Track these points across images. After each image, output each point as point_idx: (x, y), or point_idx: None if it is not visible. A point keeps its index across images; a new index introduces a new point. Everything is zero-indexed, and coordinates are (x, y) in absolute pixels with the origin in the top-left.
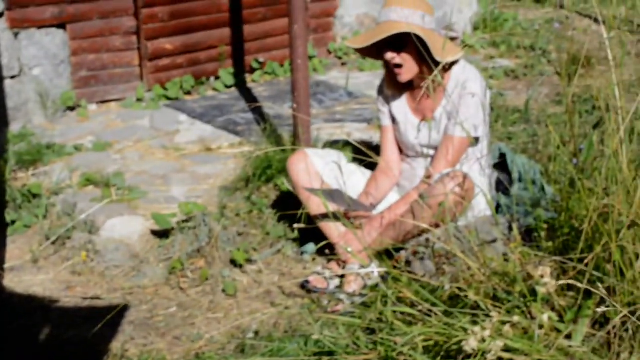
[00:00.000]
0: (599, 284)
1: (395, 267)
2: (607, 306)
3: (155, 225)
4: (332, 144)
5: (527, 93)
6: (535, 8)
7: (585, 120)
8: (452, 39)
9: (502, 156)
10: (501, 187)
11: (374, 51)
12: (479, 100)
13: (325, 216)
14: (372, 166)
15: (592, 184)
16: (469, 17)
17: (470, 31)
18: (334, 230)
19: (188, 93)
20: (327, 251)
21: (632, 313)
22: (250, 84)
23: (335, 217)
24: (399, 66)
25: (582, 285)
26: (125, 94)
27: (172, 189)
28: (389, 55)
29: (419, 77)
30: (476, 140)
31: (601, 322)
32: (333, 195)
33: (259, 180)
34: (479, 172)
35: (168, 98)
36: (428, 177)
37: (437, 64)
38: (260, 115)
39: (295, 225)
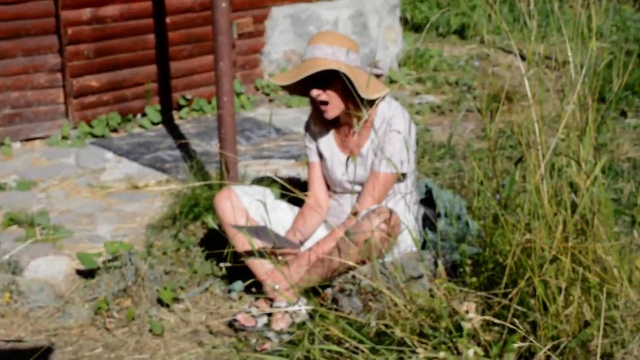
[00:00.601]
0: (524, 319)
1: (322, 305)
2: (532, 341)
3: (81, 265)
4: (260, 181)
5: (453, 129)
6: (460, 45)
7: (509, 156)
8: (378, 76)
9: (429, 192)
10: (427, 223)
11: (300, 89)
12: (404, 137)
13: (251, 254)
14: (300, 203)
15: (515, 219)
16: (395, 54)
17: (396, 68)
18: (260, 268)
19: (114, 131)
20: (253, 289)
21: (556, 347)
22: (177, 121)
23: (262, 254)
24: (325, 103)
25: (506, 324)
26: (51, 132)
27: (98, 228)
28: (315, 93)
29: (346, 113)
30: (403, 176)
31: (526, 356)
32: (259, 232)
33: (186, 218)
34: (405, 208)
35: (94, 136)
36: (355, 213)
37: (363, 100)
38: (187, 152)
39: (222, 264)
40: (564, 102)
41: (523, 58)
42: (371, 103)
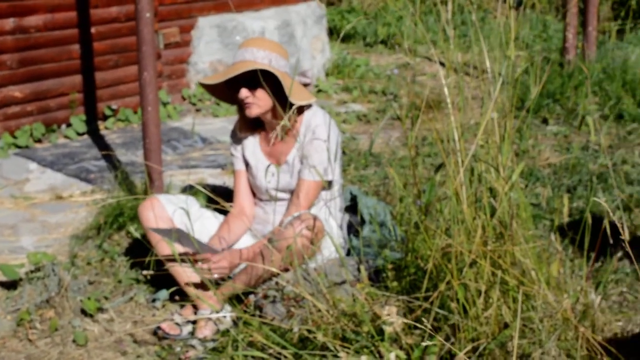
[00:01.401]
0: (445, 322)
1: (245, 311)
2: (452, 343)
3: (3, 276)
4: (186, 190)
5: (379, 137)
6: (387, 54)
7: (432, 162)
8: (305, 84)
9: (354, 199)
10: (352, 230)
11: (227, 93)
12: (330, 145)
13: (174, 260)
14: (226, 211)
15: (435, 224)
16: (322, 63)
17: (323, 77)
18: (183, 275)
19: (38, 141)
20: (176, 297)
21: (476, 349)
22: (103, 131)
23: (184, 261)
24: (251, 104)
25: (425, 327)
26: None
27: (22, 239)
28: (244, 93)
29: (271, 120)
30: (328, 183)
31: (447, 358)
32: (181, 238)
33: (110, 228)
34: (329, 214)
35: (17, 146)
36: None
37: (289, 108)
38: (112, 162)
39: (144, 272)
40: (482, 110)
41: (455, 69)
42: (297, 111)
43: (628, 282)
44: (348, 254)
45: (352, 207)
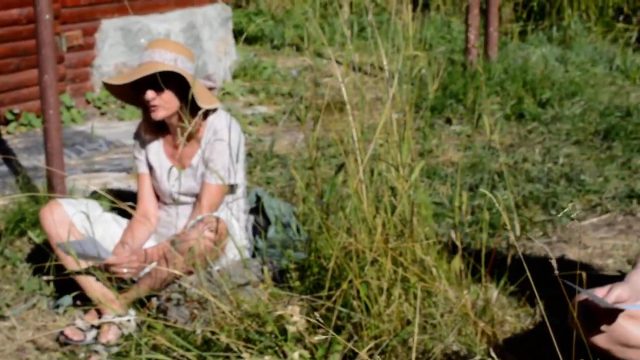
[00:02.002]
0: (348, 320)
1: (149, 315)
2: (355, 341)
3: None
4: (91, 194)
5: (285, 138)
6: (293, 56)
7: (336, 163)
8: (210, 88)
9: (259, 200)
10: (257, 231)
11: (132, 95)
12: (233, 148)
13: (78, 266)
14: (131, 215)
15: (337, 224)
16: (229, 66)
17: (229, 79)
18: (86, 281)
19: None
20: (78, 302)
21: (378, 346)
22: (5, 136)
23: (89, 273)
24: (157, 106)
25: (326, 327)
26: None
27: None
28: (150, 95)
29: (177, 124)
30: (233, 186)
31: (350, 356)
32: (83, 244)
33: (11, 234)
34: (233, 216)
35: None
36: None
37: (195, 111)
38: (14, 167)
39: (45, 278)
40: (381, 110)
41: (354, 68)
42: (202, 115)
43: (525, 278)
44: (253, 255)
45: (257, 209)
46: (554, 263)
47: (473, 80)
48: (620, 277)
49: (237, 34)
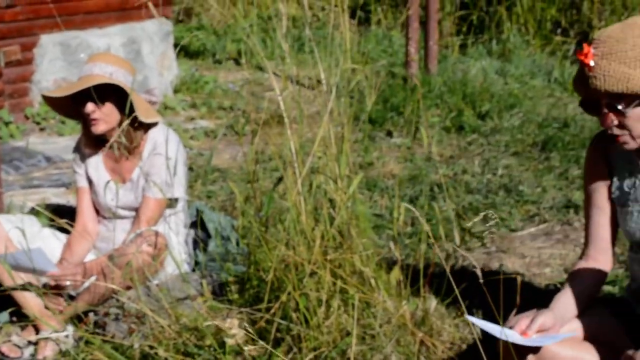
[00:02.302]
0: (287, 332)
1: (87, 330)
2: (295, 353)
3: None
4: (30, 211)
5: (227, 152)
6: (235, 70)
7: (277, 176)
8: (152, 102)
9: (200, 214)
10: (198, 245)
11: (72, 108)
12: (174, 162)
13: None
14: (70, 231)
15: (276, 236)
16: (170, 80)
17: (171, 94)
18: (20, 296)
19: None
20: (14, 318)
21: (317, 357)
22: None
23: (24, 287)
24: (97, 120)
25: (262, 342)
26: None
27: None
28: (90, 108)
29: (115, 136)
30: (174, 200)
31: None
32: (17, 257)
33: None
34: (173, 231)
35: None
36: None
37: (135, 125)
38: None
39: None
40: (320, 123)
41: (294, 81)
42: (142, 129)
43: (465, 287)
44: (194, 269)
45: (198, 223)
46: (478, 272)
47: (413, 93)
48: (554, 290)
49: (179, 48)
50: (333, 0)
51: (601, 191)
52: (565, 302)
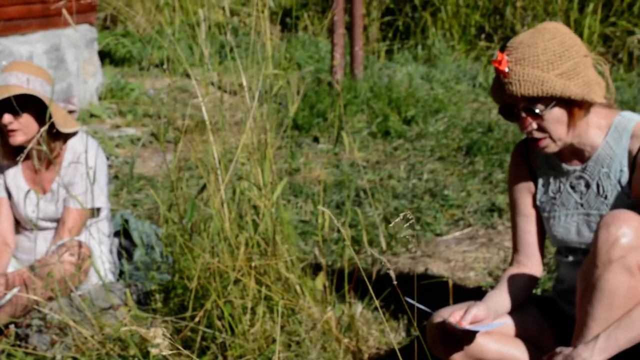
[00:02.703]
0: (213, 340)
1: (7, 342)
2: None
3: None
4: None
5: (153, 160)
6: (161, 77)
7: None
8: (71, 111)
9: (126, 223)
10: (124, 255)
11: None
12: (96, 172)
13: None
14: None
15: (200, 244)
16: (95, 88)
17: (96, 101)
18: None
19: None
20: None
21: None
22: None
23: None
24: (15, 130)
25: (184, 351)
26: None
27: None
28: (7, 119)
29: (36, 147)
30: (97, 210)
31: None
32: None
33: None
34: (96, 240)
35: None
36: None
37: (54, 135)
38: None
39: None
40: (241, 129)
41: (220, 88)
42: (61, 138)
43: (392, 292)
44: (119, 279)
45: (124, 232)
46: (392, 274)
47: (339, 99)
48: (480, 293)
49: (105, 55)
50: (256, 6)
51: (526, 198)
52: (498, 298)
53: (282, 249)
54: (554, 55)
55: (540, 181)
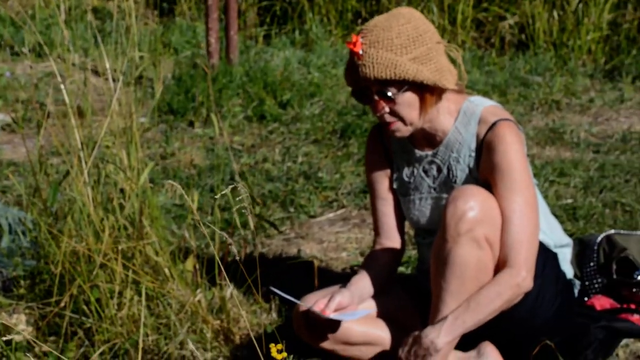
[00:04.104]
0: (80, 326)
1: None
2: (87, 346)
3: None
4: None
5: (28, 145)
6: (34, 62)
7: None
8: None
9: None
10: None
11: None
12: None
13: None
14: None
15: (66, 228)
16: None
17: None
18: None
19: None
20: None
21: (111, 349)
22: None
23: None
24: None
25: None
26: None
27: None
28: None
29: None
30: None
31: None
32: None
33: None
34: None
35: None
36: None
37: None
38: None
39: None
40: (107, 113)
41: (97, 74)
42: None
43: (264, 274)
44: None
45: None
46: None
47: (215, 84)
48: (351, 273)
49: None
50: None
51: (383, 182)
52: (362, 283)
53: (150, 233)
54: (407, 40)
55: (395, 165)
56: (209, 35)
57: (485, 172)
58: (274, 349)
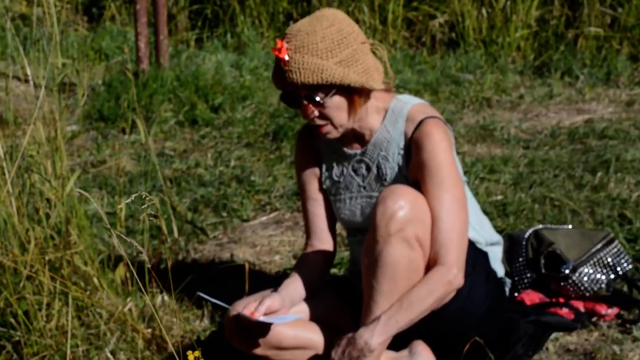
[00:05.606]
0: (8, 339)
1: None
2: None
3: None
4: None
5: None
6: None
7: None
8: None
9: None
10: None
11: None
12: None
13: None
14: None
15: None
16: None
17: None
18: None
19: None
20: None
21: None
22: None
23: None
24: None
25: None
26: None
27: None
28: None
29: None
30: None
31: None
32: None
33: None
34: None
35: None
36: None
37: None
38: None
39: None
40: (30, 120)
41: (27, 82)
42: None
43: (195, 280)
44: None
45: None
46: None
47: (145, 89)
48: (283, 276)
49: None
50: None
51: (312, 182)
52: (292, 286)
53: (77, 242)
54: (332, 43)
55: (325, 165)
56: (139, 40)
57: (414, 170)
58: (191, 356)
